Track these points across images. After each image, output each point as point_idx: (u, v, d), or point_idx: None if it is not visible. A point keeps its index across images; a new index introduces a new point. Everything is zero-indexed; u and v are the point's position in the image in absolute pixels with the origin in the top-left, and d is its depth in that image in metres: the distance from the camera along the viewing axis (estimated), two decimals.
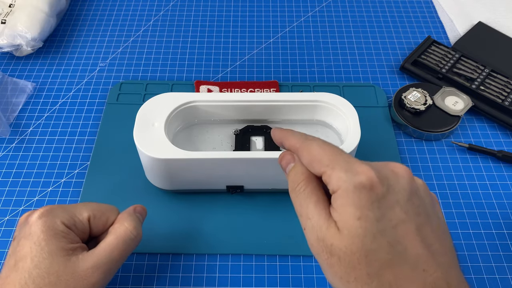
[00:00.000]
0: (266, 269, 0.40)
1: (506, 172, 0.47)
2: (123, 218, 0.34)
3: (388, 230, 0.25)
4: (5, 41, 0.53)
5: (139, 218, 0.35)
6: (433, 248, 0.25)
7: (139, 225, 0.34)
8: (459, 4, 0.64)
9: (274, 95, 0.43)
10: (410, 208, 0.26)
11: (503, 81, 0.52)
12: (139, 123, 0.40)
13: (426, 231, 0.26)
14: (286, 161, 0.30)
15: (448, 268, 0.25)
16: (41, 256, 0.29)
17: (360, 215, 0.25)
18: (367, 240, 0.24)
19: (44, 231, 0.30)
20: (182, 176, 0.40)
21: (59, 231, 0.30)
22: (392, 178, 0.26)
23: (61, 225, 0.31)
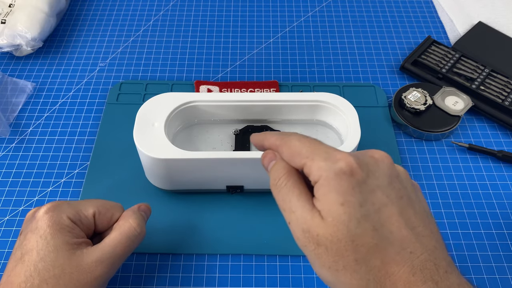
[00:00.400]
0: (266, 269, 0.40)
1: (506, 172, 0.47)
2: (127, 215, 0.34)
3: (371, 214, 0.25)
4: (5, 41, 0.53)
5: (143, 216, 0.35)
6: (417, 230, 0.25)
7: (143, 222, 0.35)
8: (459, 4, 0.64)
9: (274, 95, 0.43)
10: (391, 191, 0.26)
11: (503, 81, 0.52)
12: (139, 123, 0.40)
13: (409, 214, 0.26)
14: (268, 159, 0.30)
15: (434, 249, 0.25)
16: (47, 250, 0.30)
17: (343, 200, 0.25)
18: (352, 225, 0.24)
19: (50, 225, 0.31)
20: (182, 176, 0.40)
21: (65, 226, 0.31)
22: (371, 163, 0.26)
23: (66, 220, 0.31)
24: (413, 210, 0.26)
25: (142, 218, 0.35)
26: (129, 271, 0.40)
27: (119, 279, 0.39)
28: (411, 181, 0.28)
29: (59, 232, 0.31)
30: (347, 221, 0.24)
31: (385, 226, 0.25)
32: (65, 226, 0.31)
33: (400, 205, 0.25)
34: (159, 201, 0.43)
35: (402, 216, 0.25)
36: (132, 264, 0.40)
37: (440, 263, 0.24)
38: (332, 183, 0.25)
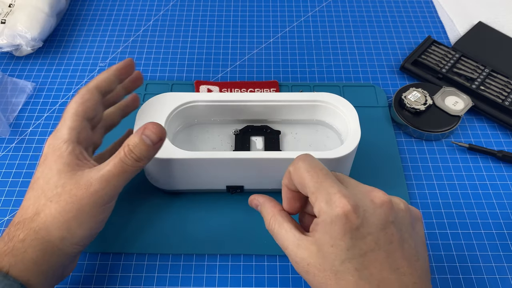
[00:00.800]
0: (266, 269, 0.40)
1: (506, 172, 0.47)
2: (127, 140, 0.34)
3: (356, 258, 0.28)
4: (5, 41, 0.53)
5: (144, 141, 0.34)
6: (401, 270, 0.29)
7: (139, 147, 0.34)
8: (459, 4, 0.64)
9: (274, 95, 0.43)
10: (382, 237, 0.29)
11: (503, 81, 0.52)
12: (139, 123, 0.40)
13: (396, 256, 0.29)
14: (254, 205, 0.36)
15: (412, 284, 0.28)
16: (51, 174, 0.33)
17: (333, 243, 0.29)
18: (336, 263, 0.28)
19: (51, 153, 0.34)
20: (182, 176, 0.40)
21: (64, 150, 0.34)
22: (369, 209, 0.29)
23: (65, 144, 0.34)
24: (401, 252, 0.29)
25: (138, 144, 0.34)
26: (129, 271, 0.40)
27: (119, 279, 0.39)
28: (410, 217, 0.31)
29: (60, 158, 0.34)
30: (333, 260, 0.28)
31: (367, 268, 0.28)
32: (64, 151, 0.34)
33: (388, 249, 0.29)
34: (159, 201, 0.43)
35: (388, 260, 0.29)
36: (132, 264, 0.40)
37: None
38: (327, 227, 0.29)
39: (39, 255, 0.32)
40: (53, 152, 0.34)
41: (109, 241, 0.41)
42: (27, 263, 0.31)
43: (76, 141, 0.35)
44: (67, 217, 0.32)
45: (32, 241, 0.32)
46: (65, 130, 0.35)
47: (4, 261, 0.31)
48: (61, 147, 0.34)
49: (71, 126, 0.35)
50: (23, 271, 0.31)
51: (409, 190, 0.45)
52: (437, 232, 0.42)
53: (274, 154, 0.38)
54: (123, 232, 0.41)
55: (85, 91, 0.36)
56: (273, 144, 0.43)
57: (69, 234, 0.33)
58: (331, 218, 0.29)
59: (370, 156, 0.47)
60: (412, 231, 0.31)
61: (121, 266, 0.40)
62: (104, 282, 0.39)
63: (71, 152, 0.34)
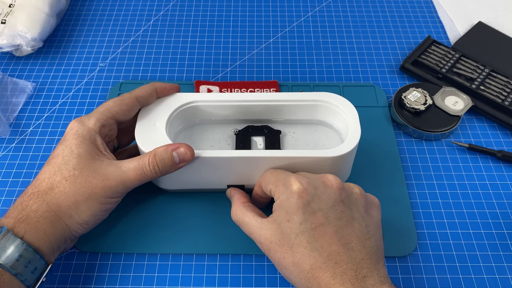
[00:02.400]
0: (266, 269, 0.40)
1: (506, 172, 0.47)
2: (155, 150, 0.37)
3: (308, 231, 0.32)
4: (5, 41, 0.53)
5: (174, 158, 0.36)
6: (350, 245, 0.32)
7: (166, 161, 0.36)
8: (459, 4, 0.64)
9: (275, 95, 0.43)
10: (332, 213, 0.33)
11: (503, 81, 0.52)
12: (140, 123, 0.40)
13: (345, 232, 0.32)
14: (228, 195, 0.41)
15: (360, 261, 0.31)
16: (71, 156, 0.36)
17: (289, 218, 0.33)
18: (292, 237, 0.32)
19: (75, 137, 0.36)
20: (184, 175, 0.40)
21: (87, 138, 0.36)
22: (320, 188, 0.34)
23: (88, 132, 0.36)
24: (350, 229, 0.32)
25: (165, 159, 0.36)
26: (129, 271, 0.40)
27: (119, 279, 0.39)
28: (365, 201, 0.35)
29: (83, 143, 0.36)
30: (289, 233, 0.32)
31: (318, 241, 0.32)
32: (88, 138, 0.36)
33: (337, 225, 0.32)
34: (160, 201, 0.43)
35: (337, 234, 0.32)
36: (132, 264, 0.40)
37: (361, 271, 0.31)
38: (284, 204, 0.33)
39: (49, 226, 0.34)
40: (76, 137, 0.36)
41: (109, 241, 0.41)
42: (39, 232, 0.33)
43: (98, 132, 0.37)
44: (79, 199, 0.35)
45: (44, 212, 0.34)
46: (92, 119, 0.37)
47: (20, 227, 0.33)
48: (85, 134, 0.36)
49: (98, 118, 0.38)
50: (36, 239, 0.33)
51: (409, 190, 0.45)
52: (437, 232, 0.42)
53: (274, 153, 0.38)
54: (123, 232, 0.41)
55: (126, 97, 0.39)
56: (274, 143, 0.43)
57: (77, 214, 0.35)
58: (287, 196, 0.33)
59: (370, 156, 0.47)
60: (364, 212, 0.34)
61: (121, 266, 0.40)
62: (104, 282, 0.39)
63: (93, 142, 0.36)
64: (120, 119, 0.39)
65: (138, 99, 0.40)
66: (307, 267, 0.31)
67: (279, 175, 0.36)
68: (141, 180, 0.37)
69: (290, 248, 0.32)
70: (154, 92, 0.41)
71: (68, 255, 0.40)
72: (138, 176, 0.36)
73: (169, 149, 0.36)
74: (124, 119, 0.39)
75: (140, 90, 0.40)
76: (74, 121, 0.37)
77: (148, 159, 0.36)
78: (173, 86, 0.42)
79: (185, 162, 0.37)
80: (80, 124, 0.37)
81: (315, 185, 0.34)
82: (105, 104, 0.39)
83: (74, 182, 0.35)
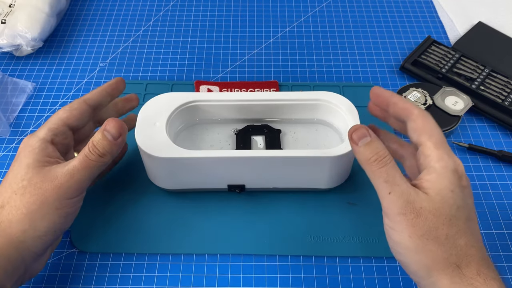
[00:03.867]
0: (266, 269, 0.40)
1: (506, 172, 0.47)
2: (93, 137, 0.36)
3: (466, 208, 0.31)
4: (5, 41, 0.53)
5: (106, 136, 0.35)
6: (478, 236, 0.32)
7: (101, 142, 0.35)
8: (459, 4, 0.64)
9: (275, 95, 0.43)
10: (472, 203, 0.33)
11: (503, 81, 0.52)
12: (140, 123, 0.40)
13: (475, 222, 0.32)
14: (360, 134, 0.34)
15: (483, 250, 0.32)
16: (19, 168, 0.34)
17: (453, 189, 0.31)
18: (453, 208, 0.31)
19: (23, 148, 0.35)
20: (184, 175, 0.40)
21: (36, 147, 0.35)
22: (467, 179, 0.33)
23: (38, 141, 0.35)
24: None
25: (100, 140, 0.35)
26: (129, 271, 0.40)
27: (119, 279, 0.39)
28: None
29: (30, 153, 0.34)
30: (452, 204, 0.31)
31: (473, 221, 0.31)
32: (36, 147, 0.35)
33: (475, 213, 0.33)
34: (161, 201, 0.43)
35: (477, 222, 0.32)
36: (132, 264, 0.40)
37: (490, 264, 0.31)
38: (448, 174, 0.31)
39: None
40: (25, 149, 0.35)
41: (109, 241, 0.41)
42: None
43: (50, 141, 0.36)
44: (30, 208, 0.33)
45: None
46: (42, 130, 0.36)
47: None
48: (34, 144, 0.35)
49: (49, 127, 0.36)
50: None
51: None
52: None
53: (275, 152, 0.38)
54: (123, 232, 0.41)
55: (74, 102, 0.38)
56: (274, 143, 0.43)
57: (31, 226, 0.33)
58: (451, 169, 0.31)
59: None
60: None
61: (121, 266, 0.40)
62: (104, 282, 0.39)
63: (43, 150, 0.35)
64: (73, 125, 0.38)
65: (87, 102, 0.38)
66: (462, 242, 0.30)
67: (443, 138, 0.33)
68: (89, 168, 0.35)
69: (449, 220, 0.30)
70: (104, 92, 0.40)
71: (68, 255, 0.40)
72: (84, 164, 0.35)
73: (100, 130, 0.36)
74: (76, 124, 0.38)
75: (89, 93, 0.39)
76: (25, 138, 0.36)
77: (88, 147, 0.35)
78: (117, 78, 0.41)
79: (120, 137, 0.36)
80: (30, 137, 0.36)
81: None
82: (54, 114, 0.37)
83: (24, 193, 0.33)
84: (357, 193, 0.44)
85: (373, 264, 0.40)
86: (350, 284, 0.39)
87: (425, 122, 0.33)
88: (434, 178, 0.31)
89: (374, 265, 0.40)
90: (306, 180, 0.42)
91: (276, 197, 0.44)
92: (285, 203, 0.43)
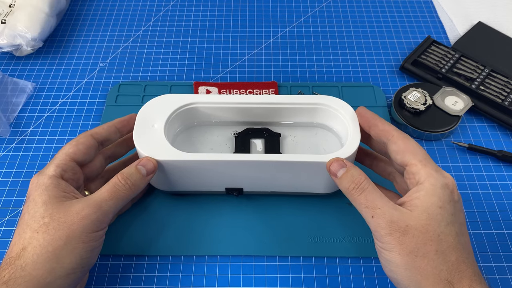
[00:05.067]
0: (266, 269, 0.40)
1: (506, 172, 0.47)
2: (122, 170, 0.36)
3: (456, 224, 0.31)
4: (5, 41, 0.53)
5: (139, 170, 0.36)
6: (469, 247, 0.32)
7: (134, 175, 0.36)
8: (459, 4, 0.64)
9: (274, 98, 0.43)
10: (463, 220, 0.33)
11: (503, 81, 0.52)
12: (138, 125, 0.40)
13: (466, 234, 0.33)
14: (336, 166, 0.35)
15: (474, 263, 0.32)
16: (36, 207, 0.33)
17: (442, 205, 0.31)
18: (442, 224, 0.31)
19: (36, 188, 0.34)
20: (182, 178, 0.40)
21: (49, 184, 0.34)
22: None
23: (50, 179, 0.34)
24: None
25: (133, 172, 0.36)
26: (129, 271, 0.40)
27: (119, 279, 0.39)
28: None
29: (44, 191, 0.33)
30: (440, 220, 0.31)
31: (464, 235, 0.32)
32: (49, 184, 0.33)
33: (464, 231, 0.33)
34: (159, 203, 0.43)
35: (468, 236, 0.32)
36: (132, 264, 0.40)
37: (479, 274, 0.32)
38: (438, 190, 0.32)
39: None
40: (37, 188, 0.33)
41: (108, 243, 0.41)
42: None
43: (60, 177, 0.35)
44: (56, 245, 0.31)
45: (17, 279, 0.30)
46: (51, 167, 0.35)
47: None
48: (46, 182, 0.34)
49: (57, 163, 0.35)
50: None
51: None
52: None
53: (274, 156, 0.38)
54: (123, 234, 0.41)
55: (80, 136, 0.38)
56: (273, 146, 0.43)
57: (59, 264, 0.31)
58: (441, 184, 0.32)
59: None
60: None
61: (121, 266, 0.40)
62: (104, 282, 0.39)
63: (57, 186, 0.34)
64: (79, 160, 0.36)
65: (93, 136, 0.38)
66: (453, 258, 0.30)
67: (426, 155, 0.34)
68: (117, 199, 0.35)
69: (437, 236, 0.31)
70: (113, 128, 0.39)
71: None
72: (113, 195, 0.34)
73: (132, 165, 0.36)
74: (83, 158, 0.37)
75: (97, 128, 0.39)
76: (33, 177, 0.35)
77: (118, 178, 0.35)
78: (130, 116, 0.40)
79: (152, 173, 0.37)
80: (39, 175, 0.34)
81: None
82: (61, 149, 0.36)
83: (47, 230, 0.31)
84: None
85: (373, 264, 0.40)
86: (350, 284, 0.39)
87: (406, 143, 0.34)
88: (422, 196, 0.32)
89: (374, 265, 0.40)
90: (305, 185, 0.41)
91: (275, 199, 0.44)
92: (285, 204, 0.43)
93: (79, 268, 0.32)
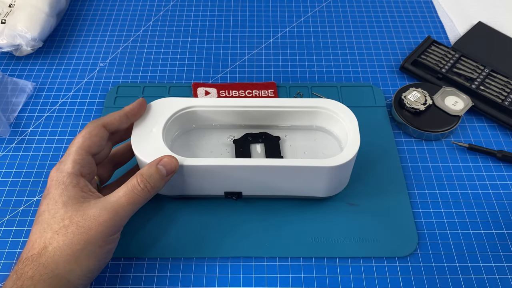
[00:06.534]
0: (265, 269, 0.40)
1: (506, 172, 0.47)
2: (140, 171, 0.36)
3: None
4: (5, 41, 0.53)
5: (160, 171, 0.36)
6: None
7: (154, 177, 0.36)
8: (459, 4, 0.64)
9: (274, 101, 0.43)
10: None
11: (503, 81, 0.52)
12: (137, 129, 0.39)
13: None
14: None
15: None
16: (56, 207, 0.34)
17: None
18: None
19: (57, 187, 0.34)
20: (180, 182, 0.40)
21: (68, 183, 0.34)
22: None
23: (67, 177, 0.35)
24: None
25: (154, 173, 0.36)
26: (129, 271, 0.40)
27: (119, 280, 0.39)
28: None
29: (64, 191, 0.34)
30: None
31: None
32: (68, 183, 0.34)
33: None
34: (158, 207, 0.43)
35: None
36: (132, 264, 0.40)
37: None
38: None
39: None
40: (57, 186, 0.34)
41: None
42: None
43: (79, 174, 0.35)
44: (75, 249, 0.32)
45: (41, 276, 0.32)
46: (69, 163, 0.35)
47: None
48: (65, 181, 0.34)
49: (75, 159, 0.36)
50: None
51: (409, 190, 0.45)
52: (437, 232, 0.42)
53: (273, 161, 0.37)
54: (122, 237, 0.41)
55: (93, 127, 0.37)
56: (274, 150, 0.42)
57: (78, 266, 0.33)
58: None
59: (368, 156, 0.47)
60: None
61: (121, 266, 0.40)
62: (104, 283, 0.39)
63: (76, 185, 0.35)
64: (94, 152, 0.37)
65: (105, 126, 0.38)
66: None
67: None
68: (134, 204, 0.35)
69: None
70: (124, 118, 0.39)
71: None
72: (131, 200, 0.34)
73: (153, 164, 0.36)
74: (98, 150, 0.37)
75: (107, 117, 0.38)
76: (52, 170, 0.36)
77: (137, 180, 0.35)
78: (139, 102, 0.40)
79: (172, 173, 0.36)
80: (58, 172, 0.35)
81: None
82: (75, 142, 0.37)
83: (66, 233, 0.33)
84: (357, 193, 0.44)
85: (373, 264, 0.40)
86: (350, 284, 0.39)
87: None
88: None
89: (374, 265, 0.40)
90: (304, 188, 0.41)
91: (273, 202, 0.43)
92: (284, 207, 0.43)
93: (96, 268, 0.34)
